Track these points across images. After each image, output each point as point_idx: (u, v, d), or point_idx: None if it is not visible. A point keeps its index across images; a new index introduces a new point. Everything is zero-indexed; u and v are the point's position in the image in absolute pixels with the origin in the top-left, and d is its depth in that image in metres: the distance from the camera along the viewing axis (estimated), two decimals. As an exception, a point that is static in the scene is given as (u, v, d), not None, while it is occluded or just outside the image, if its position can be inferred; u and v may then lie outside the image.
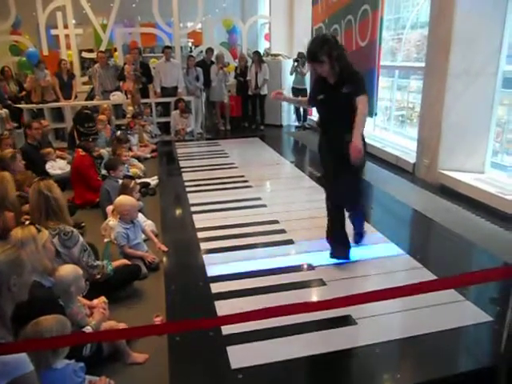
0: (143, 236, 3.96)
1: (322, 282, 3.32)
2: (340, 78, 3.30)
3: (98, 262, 3.10)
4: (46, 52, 9.82)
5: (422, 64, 5.95)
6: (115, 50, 10.30)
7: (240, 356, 2.54)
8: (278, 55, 10.10)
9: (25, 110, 8.38)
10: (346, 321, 2.79)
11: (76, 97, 9.03)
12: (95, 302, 2.78)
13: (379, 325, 2.78)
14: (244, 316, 1.78)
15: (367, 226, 4.33)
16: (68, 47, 9.95)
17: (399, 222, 4.75)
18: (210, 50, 9.79)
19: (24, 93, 8.75)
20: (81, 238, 2.97)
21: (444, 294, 2.88)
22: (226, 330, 2.71)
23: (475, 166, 5.41)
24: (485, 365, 2.46)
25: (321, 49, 3.19)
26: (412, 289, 1.97)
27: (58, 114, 8.87)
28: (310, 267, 3.53)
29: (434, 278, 3.25)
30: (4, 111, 7.34)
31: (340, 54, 3.25)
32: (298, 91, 9.58)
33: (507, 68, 5.13)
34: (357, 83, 3.34)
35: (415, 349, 2.61)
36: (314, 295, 3.23)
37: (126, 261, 3.45)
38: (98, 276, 3.03)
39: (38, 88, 8.39)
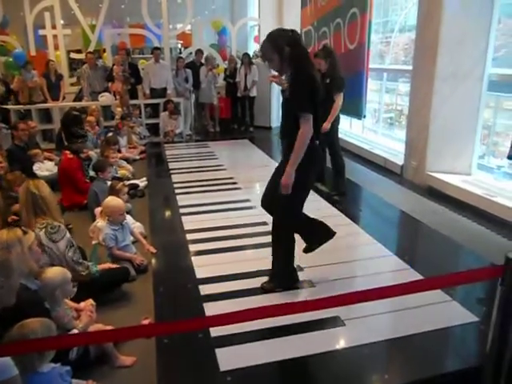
0: (132, 238, 3.94)
1: (310, 283, 3.32)
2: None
3: (84, 261, 3.09)
4: (33, 52, 9.74)
5: (410, 67, 6.00)
6: (104, 50, 10.24)
7: (229, 358, 2.54)
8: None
9: (12, 111, 8.29)
10: (334, 322, 2.80)
11: (64, 98, 8.95)
12: (82, 304, 2.75)
13: (367, 326, 2.80)
14: (232, 316, 1.77)
15: (356, 228, 4.36)
16: (56, 48, 9.87)
17: (387, 223, 4.78)
18: (199, 52, 9.78)
19: (11, 94, 8.66)
20: (67, 234, 2.97)
21: (431, 295, 2.90)
22: (215, 331, 2.70)
23: (462, 168, 5.47)
24: (471, 365, 2.48)
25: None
26: (400, 289, 1.98)
27: (46, 115, 8.79)
28: (299, 268, 3.54)
29: (421, 278, 3.28)
30: (-10, 112, 7.27)
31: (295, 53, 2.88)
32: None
33: (493, 71, 5.20)
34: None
35: (403, 349, 2.63)
36: (303, 296, 3.23)
37: (110, 265, 3.42)
38: (83, 273, 3.00)
39: (25, 89, 8.31)
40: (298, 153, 2.85)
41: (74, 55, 10.59)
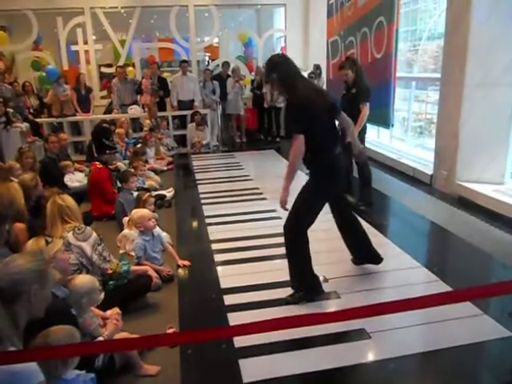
0: (161, 247, 3.96)
1: (336, 295, 3.27)
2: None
3: (114, 259, 3.18)
4: (66, 67, 10.06)
5: (439, 75, 5.90)
6: (133, 65, 10.49)
7: (252, 369, 2.52)
8: (294, 68, 10.13)
9: (44, 124, 8.56)
10: (359, 334, 2.74)
11: (93, 111, 9.19)
12: (108, 312, 2.79)
13: (394, 339, 2.73)
14: (256, 326, 1.75)
15: (383, 239, 4.28)
16: (88, 62, 10.18)
17: (416, 234, 4.68)
18: (226, 64, 9.89)
19: (45, 108, 8.95)
20: (94, 234, 3.13)
21: (461, 308, 2.81)
22: (239, 342, 2.69)
23: (494, 177, 5.31)
24: (505, 381, 2.39)
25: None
26: (428, 300, 1.92)
27: (77, 128, 9.04)
28: (324, 279, 3.49)
29: (451, 290, 3.18)
30: (24, 125, 7.50)
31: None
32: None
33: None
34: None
35: (432, 364, 2.54)
36: (328, 308, 3.18)
37: (148, 268, 3.46)
38: (110, 271, 3.09)
39: (57, 102, 8.57)
40: (290, 168, 3.11)
41: (104, 69, 10.88)
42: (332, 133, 3.14)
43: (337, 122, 3.28)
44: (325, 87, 9.40)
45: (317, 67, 9.36)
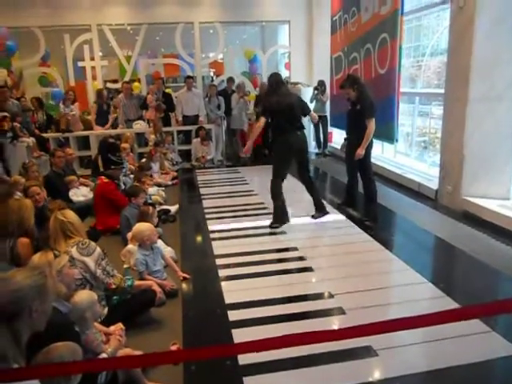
0: (163, 263, 3.96)
1: (341, 311, 3.24)
2: None
3: (117, 274, 3.15)
4: (72, 83, 10.17)
5: (442, 90, 5.92)
6: (138, 80, 10.59)
7: (257, 387, 2.48)
8: (298, 83, 10.20)
9: (51, 139, 8.62)
10: (366, 352, 2.70)
11: (111, 125, 9.26)
12: (112, 328, 2.76)
13: (401, 357, 2.69)
14: (261, 344, 1.73)
15: (389, 254, 4.26)
16: (94, 78, 10.29)
17: (421, 249, 4.65)
18: (230, 80, 9.98)
19: (52, 123, 9.04)
20: (98, 249, 3.09)
21: (469, 325, 2.77)
22: (243, 359, 2.65)
23: (500, 193, 5.28)
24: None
25: None
26: (436, 317, 1.89)
27: (84, 142, 9.08)
28: (330, 295, 3.46)
29: (458, 307, 3.14)
30: (31, 140, 7.55)
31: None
32: (318, 118, 9.61)
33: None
34: None
35: (439, 383, 2.50)
36: (334, 324, 3.14)
37: (152, 283, 3.45)
38: (114, 286, 3.06)
39: (64, 120, 8.69)
40: (254, 131, 5.43)
41: (110, 85, 10.99)
42: (290, 122, 4.93)
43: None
44: (328, 103, 9.46)
45: (321, 83, 9.41)
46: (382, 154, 8.20)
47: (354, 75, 6.07)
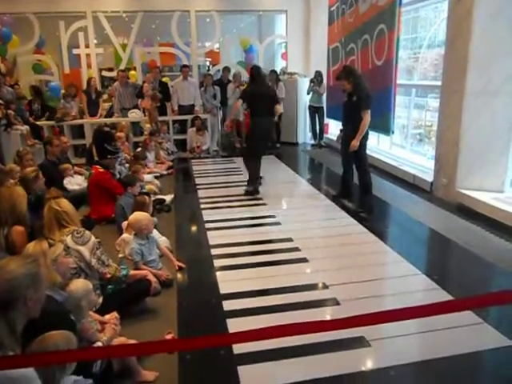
0: (158, 252, 3.96)
1: (335, 302, 3.26)
2: None
3: (112, 263, 3.15)
4: (67, 70, 10.08)
5: (439, 83, 5.92)
6: (134, 68, 10.52)
7: (250, 376, 2.50)
8: (295, 74, 10.17)
9: (45, 127, 8.55)
10: (359, 342, 2.73)
11: (101, 114, 9.21)
12: (107, 317, 2.77)
13: (394, 347, 2.71)
14: (255, 334, 1.74)
15: (383, 246, 4.28)
16: (89, 66, 10.19)
17: (415, 241, 4.67)
18: (226, 69, 9.92)
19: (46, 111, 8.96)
20: (93, 238, 3.08)
21: (462, 316, 2.80)
22: (237, 349, 2.67)
23: (494, 185, 5.31)
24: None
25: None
26: (429, 309, 1.90)
27: (78, 131, 9.02)
28: (324, 286, 3.48)
29: (451, 299, 3.17)
30: (25, 128, 7.49)
31: None
32: (315, 109, 9.62)
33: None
34: None
35: (432, 373, 2.53)
36: (328, 315, 3.17)
37: (148, 273, 3.45)
38: (109, 276, 3.07)
39: (61, 112, 8.64)
40: (234, 108, 7.07)
41: (105, 73, 10.90)
42: (264, 108, 5.95)
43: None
44: (325, 94, 9.44)
45: (318, 74, 9.38)
46: (377, 146, 8.21)
47: (350, 67, 6.04)
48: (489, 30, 5.01)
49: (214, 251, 4.25)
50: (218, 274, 3.79)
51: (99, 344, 2.47)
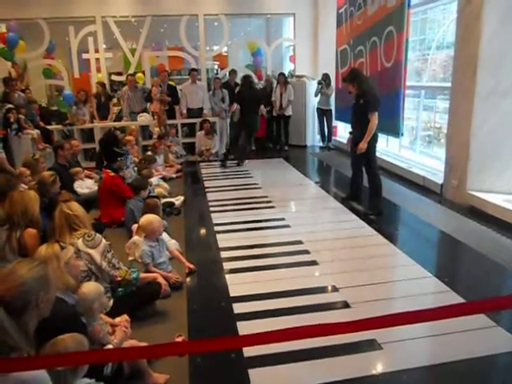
0: (168, 254, 3.96)
1: (346, 304, 3.24)
2: None
3: (123, 266, 3.16)
4: (77, 75, 10.17)
5: (449, 84, 5.88)
6: (143, 72, 10.59)
7: (261, 380, 2.49)
8: (303, 76, 10.16)
9: (55, 131, 8.63)
10: (370, 345, 2.71)
11: (111, 118, 9.27)
12: (117, 320, 2.78)
13: (406, 350, 2.69)
14: (266, 336, 1.73)
15: (393, 249, 4.26)
16: (98, 70, 10.28)
17: (426, 243, 4.64)
18: (233, 72, 9.95)
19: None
20: (104, 241, 3.10)
21: (474, 320, 2.77)
22: (248, 352, 2.67)
23: (505, 187, 5.26)
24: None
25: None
26: (440, 312, 1.89)
27: (88, 135, 9.09)
28: (334, 289, 3.47)
29: (463, 301, 3.14)
30: (36, 132, 7.56)
31: None
32: (322, 112, 9.61)
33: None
34: None
35: (444, 377, 2.51)
36: (338, 317, 3.15)
37: (158, 276, 3.46)
38: (119, 278, 3.08)
39: (73, 118, 8.73)
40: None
41: (114, 77, 10.97)
42: (251, 107, 7.86)
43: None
44: (333, 96, 9.43)
45: (326, 77, 9.36)
46: (386, 148, 8.18)
47: (357, 69, 6.02)
48: (498, 31, 4.98)
49: (223, 254, 4.25)
50: (227, 276, 3.79)
51: (110, 347, 2.48)
